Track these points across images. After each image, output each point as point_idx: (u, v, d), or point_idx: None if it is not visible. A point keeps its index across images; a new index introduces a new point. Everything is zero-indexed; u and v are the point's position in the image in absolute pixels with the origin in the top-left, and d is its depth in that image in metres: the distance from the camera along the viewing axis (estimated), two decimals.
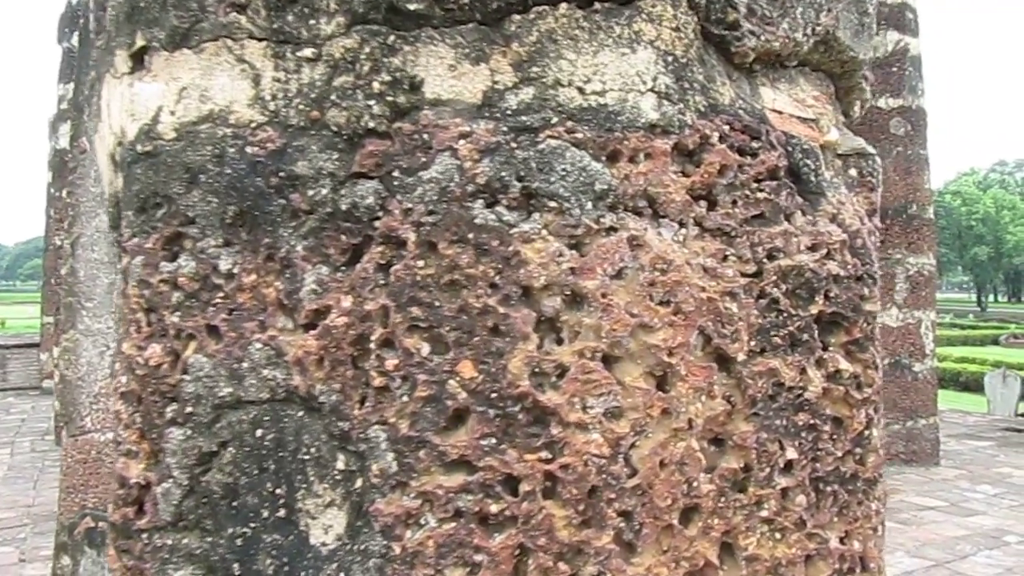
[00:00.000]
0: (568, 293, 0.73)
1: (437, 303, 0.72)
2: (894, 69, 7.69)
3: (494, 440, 0.72)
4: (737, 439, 0.79)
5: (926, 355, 7.77)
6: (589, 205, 0.72)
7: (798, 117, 0.87)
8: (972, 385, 16.35)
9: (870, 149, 0.97)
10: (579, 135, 0.73)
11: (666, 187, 0.75)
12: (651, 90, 0.75)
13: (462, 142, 0.72)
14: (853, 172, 0.96)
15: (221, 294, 0.78)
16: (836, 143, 0.92)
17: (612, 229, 0.74)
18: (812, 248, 0.84)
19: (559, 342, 0.73)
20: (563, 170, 0.72)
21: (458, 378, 0.72)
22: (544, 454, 0.72)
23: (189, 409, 0.79)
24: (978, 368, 17.53)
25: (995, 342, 29.08)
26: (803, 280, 0.82)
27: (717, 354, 0.79)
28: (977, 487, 7.16)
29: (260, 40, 0.79)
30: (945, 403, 11.73)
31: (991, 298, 70.27)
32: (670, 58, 0.76)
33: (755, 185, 0.80)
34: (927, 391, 7.75)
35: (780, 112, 0.86)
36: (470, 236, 0.72)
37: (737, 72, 0.84)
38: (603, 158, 0.73)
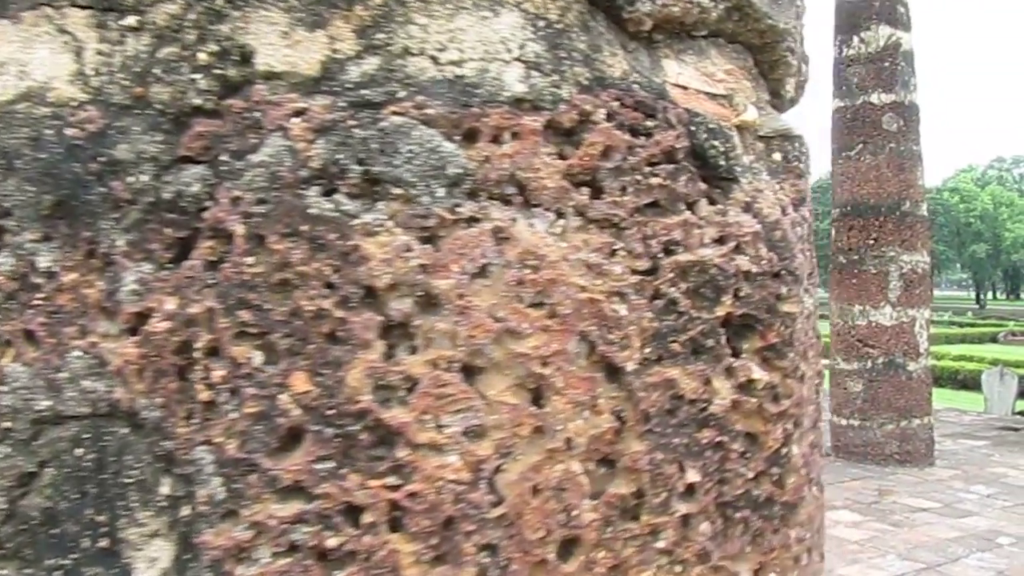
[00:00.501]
0: (421, 294, 0.63)
1: (267, 306, 0.62)
2: (886, 64, 7.57)
3: (332, 464, 0.62)
4: (627, 460, 0.68)
5: (920, 354, 7.65)
6: (441, 192, 0.62)
7: (707, 93, 0.77)
8: (970, 383, 16.19)
9: (796, 131, 0.87)
10: (430, 111, 0.62)
11: (537, 171, 0.65)
12: (518, 59, 0.64)
13: (295, 120, 0.62)
14: (777, 156, 0.86)
15: (40, 295, 0.68)
16: (754, 123, 0.81)
17: (473, 220, 0.63)
18: (719, 241, 0.73)
19: (412, 351, 0.63)
20: (409, 151, 0.61)
21: (290, 392, 0.62)
22: (390, 480, 0.62)
23: (7, 424, 0.69)
24: (976, 366, 17.37)
25: (993, 340, 28.88)
26: (707, 278, 0.72)
27: (604, 363, 0.68)
28: (971, 487, 7.04)
29: (83, 8, 0.69)
30: (943, 402, 11.61)
31: (990, 295, 69.91)
32: (542, 23, 0.65)
33: (648, 169, 0.69)
34: (921, 390, 7.63)
35: (685, 88, 0.76)
36: (304, 228, 0.61)
37: (634, 42, 0.74)
38: (457, 138, 0.62)
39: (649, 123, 0.70)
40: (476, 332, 0.63)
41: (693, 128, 0.73)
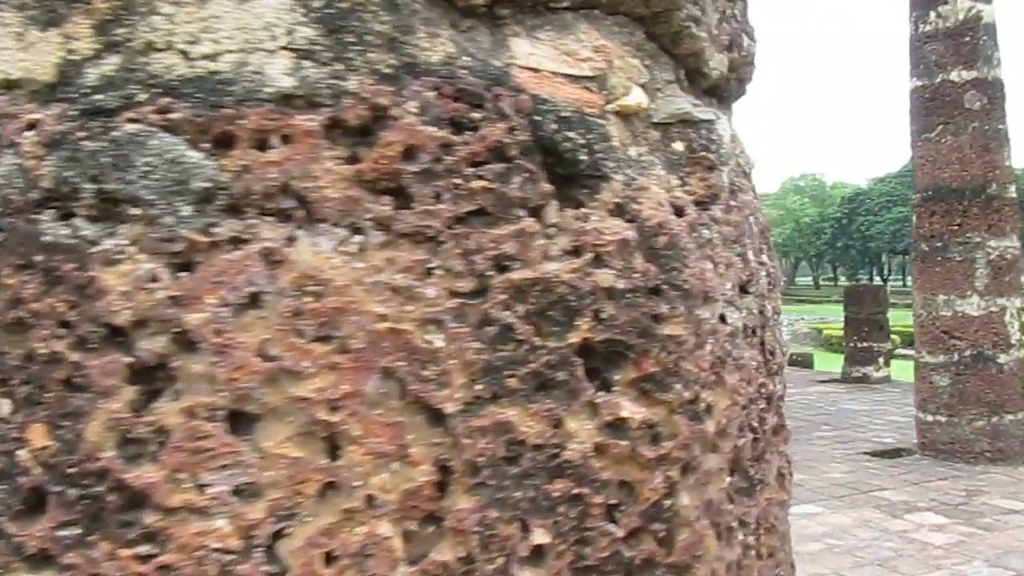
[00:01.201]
0: (177, 332, 0.52)
1: (4, 349, 0.53)
2: (966, 39, 7.03)
3: (79, 530, 0.52)
4: (452, 520, 0.56)
5: (1012, 345, 7.08)
6: (187, 210, 0.51)
7: (566, 76, 0.64)
8: None
9: (701, 115, 0.72)
10: (174, 116, 0.52)
11: (316, 180, 0.54)
12: (285, 48, 0.53)
13: (27, 135, 0.52)
14: (679, 146, 0.71)
15: None
16: (639, 107, 0.68)
17: (237, 241, 0.53)
18: (571, 253, 0.60)
19: (173, 398, 0.53)
20: (145, 164, 0.51)
21: (29, 448, 0.53)
22: (142, 549, 0.52)
23: None
24: None
25: None
26: (553, 298, 0.59)
27: (419, 405, 0.56)
28: None
29: None
30: None
31: None
32: (317, 3, 0.54)
33: (470, 171, 0.57)
34: (1014, 384, 7.06)
35: (537, 70, 0.63)
36: (38, 259, 0.52)
37: (470, 19, 0.62)
38: (206, 145, 0.52)
39: (475, 115, 0.58)
40: (239, 374, 0.52)
41: (539, 118, 0.60)
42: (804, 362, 15.05)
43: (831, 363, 14.72)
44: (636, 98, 0.68)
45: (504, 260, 0.57)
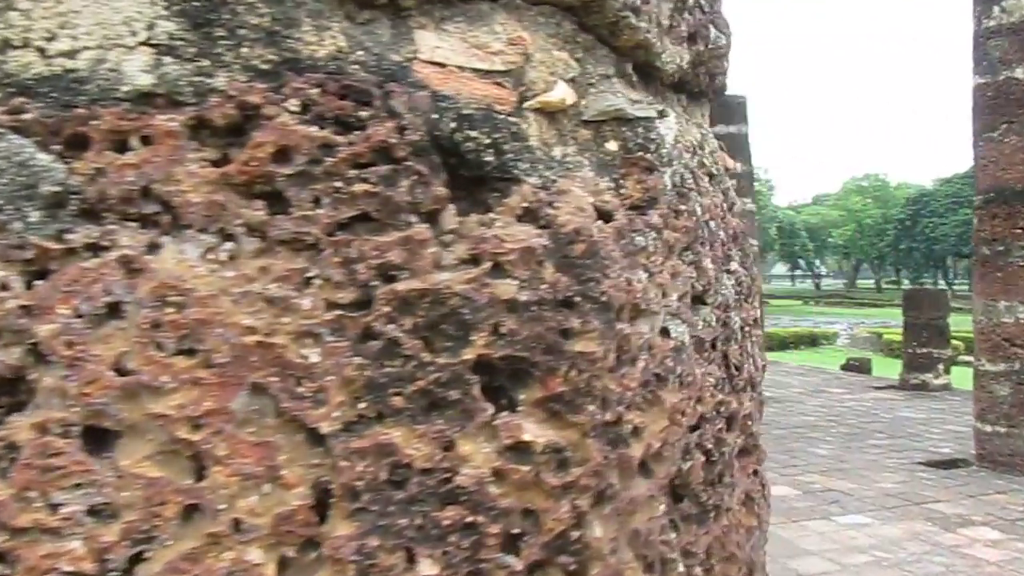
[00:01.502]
0: (31, 343, 0.49)
1: None
2: None
3: None
4: (328, 548, 0.52)
5: None
6: (35, 216, 0.48)
7: (475, 70, 0.59)
8: None
9: (639, 112, 0.67)
10: (26, 116, 0.49)
11: (179, 183, 0.50)
12: (145, 43, 0.50)
13: None
14: (612, 145, 0.66)
15: None
16: (562, 104, 0.62)
17: (95, 248, 0.50)
18: (468, 261, 0.55)
19: (19, 410, 0.50)
20: None
21: None
22: None
23: None
24: None
25: None
26: (444, 311, 0.54)
27: (296, 424, 0.52)
28: None
29: None
30: None
31: None
32: None
33: (352, 173, 0.53)
34: None
35: (443, 65, 0.58)
36: None
37: (369, 11, 0.57)
38: (58, 147, 0.49)
39: (363, 114, 0.54)
40: (92, 389, 0.49)
41: (436, 117, 0.56)
42: (862, 367, 14.58)
43: (890, 369, 14.22)
44: (559, 94, 0.62)
45: (390, 269, 0.53)
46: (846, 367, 14.37)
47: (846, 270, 67.34)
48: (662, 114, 0.70)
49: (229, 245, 0.51)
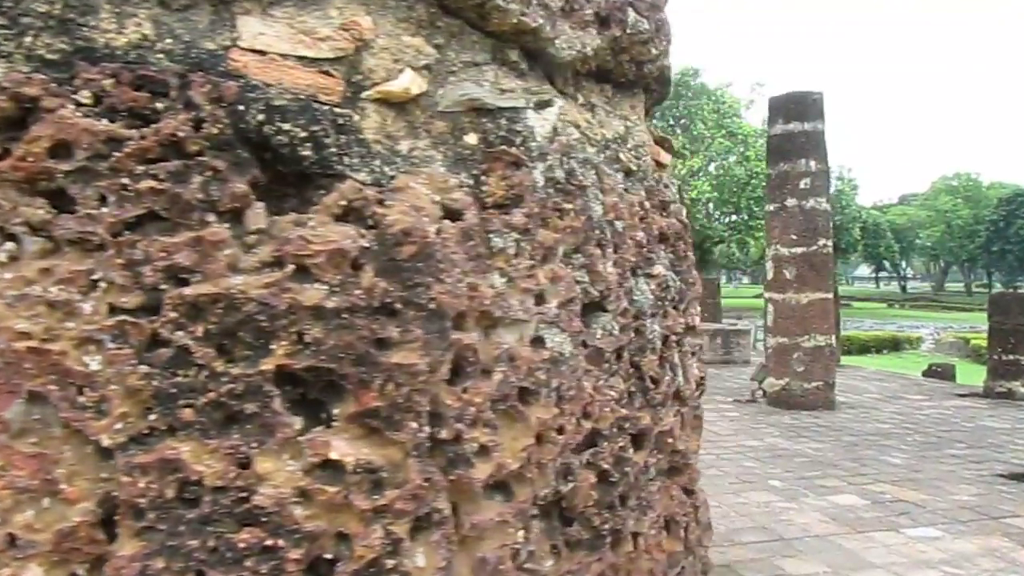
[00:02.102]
0: None
1: None
2: None
3: None
4: (110, 569, 0.48)
5: None
6: None
7: (300, 57, 0.54)
8: None
9: (502, 102, 0.60)
10: None
11: None
12: None
13: None
14: (472, 138, 0.60)
15: None
16: (406, 94, 0.57)
17: None
18: (271, 264, 0.50)
19: None
20: None
21: None
22: None
23: None
24: None
25: None
26: (240, 317, 0.49)
27: (80, 436, 0.49)
28: None
29: None
30: None
31: None
32: None
33: (140, 169, 0.49)
34: None
35: (264, 52, 0.53)
36: None
37: None
38: None
39: (159, 105, 0.50)
40: None
41: (243, 108, 0.51)
42: (945, 373, 13.80)
43: (976, 376, 13.42)
44: (403, 83, 0.57)
45: (180, 272, 0.49)
46: (928, 373, 13.64)
47: (934, 273, 64.13)
48: (542, 104, 0.64)
49: (10, 245, 0.48)
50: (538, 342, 0.59)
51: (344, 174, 0.54)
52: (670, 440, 0.70)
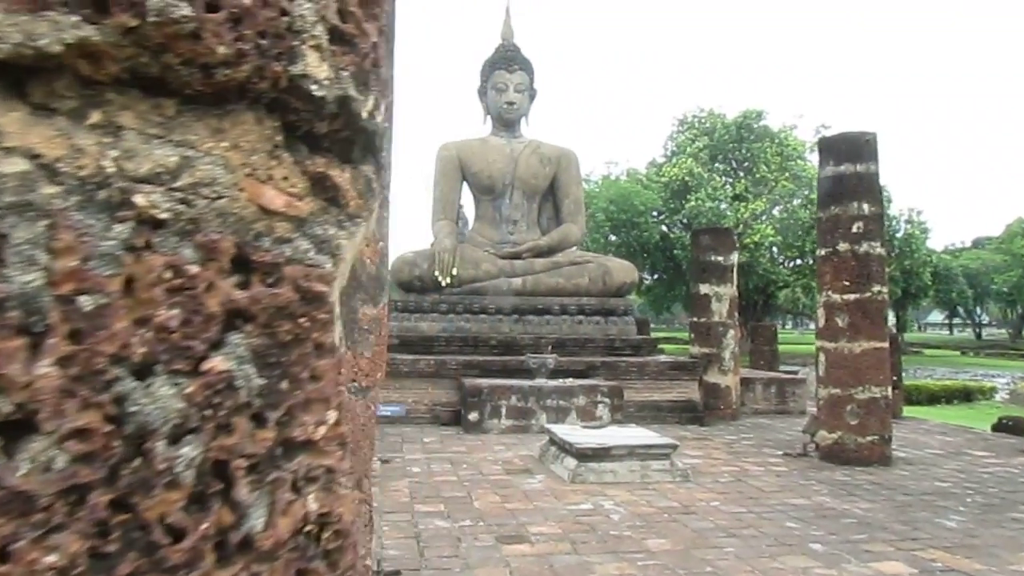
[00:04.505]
0: None
1: None
2: None
3: None
4: None
5: None
6: None
7: None
8: None
9: None
10: None
11: None
12: None
13: None
14: None
15: None
16: None
17: None
18: None
19: None
20: None
21: None
22: None
23: None
24: None
25: None
26: None
27: None
28: None
29: None
30: None
31: None
32: None
33: None
34: None
35: None
36: None
37: None
38: None
39: None
40: None
41: None
42: (1016, 428, 12.88)
43: None
44: None
45: None
46: (997, 427, 12.74)
47: (1011, 319, 60.74)
48: None
49: None
50: None
51: None
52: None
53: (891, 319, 50.61)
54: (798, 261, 35.50)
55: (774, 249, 33.97)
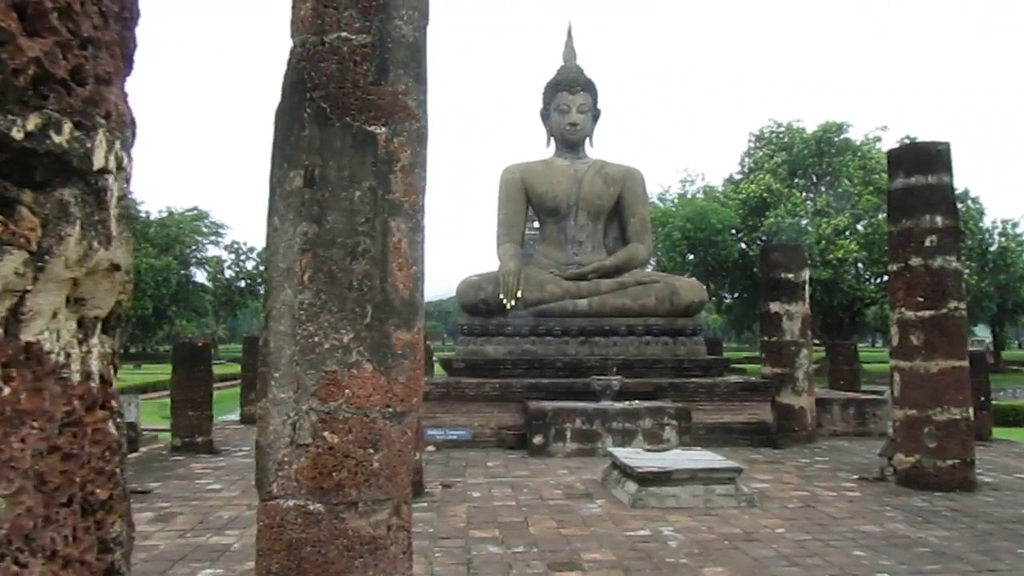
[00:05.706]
0: None
1: None
2: None
3: None
4: None
5: None
6: None
7: None
8: None
9: None
10: None
11: None
12: None
13: None
14: None
15: None
16: None
17: None
18: None
19: None
20: None
21: None
22: None
23: None
24: None
25: None
26: None
27: None
28: None
29: None
30: None
31: None
32: None
33: None
34: None
35: None
36: None
37: None
38: None
39: None
40: None
41: None
42: None
43: None
44: None
45: None
46: None
47: None
48: None
49: None
50: None
51: None
52: None
53: (987, 336, 47.32)
54: (885, 277, 33.95)
55: (859, 265, 32.59)
